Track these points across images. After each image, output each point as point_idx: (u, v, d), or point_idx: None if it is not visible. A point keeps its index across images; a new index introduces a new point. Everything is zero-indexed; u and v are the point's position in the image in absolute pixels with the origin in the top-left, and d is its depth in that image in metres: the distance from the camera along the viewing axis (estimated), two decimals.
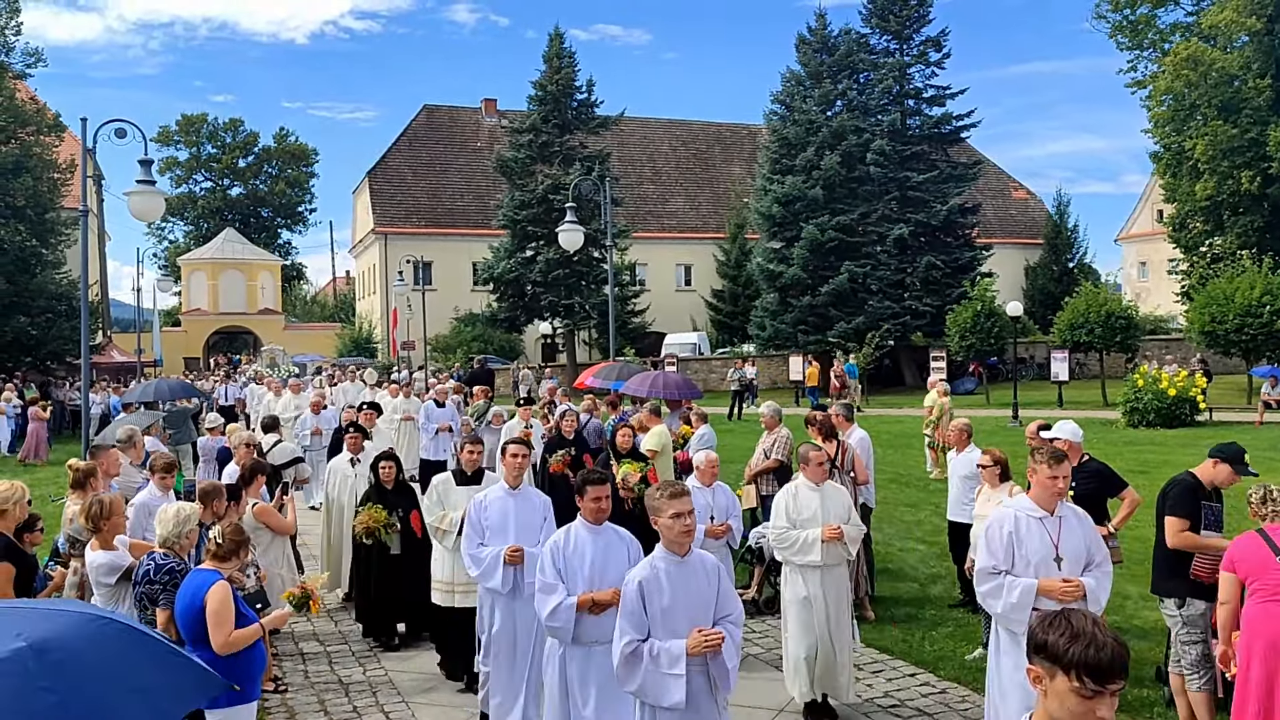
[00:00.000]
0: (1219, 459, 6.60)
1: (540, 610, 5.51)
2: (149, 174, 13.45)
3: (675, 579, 4.86)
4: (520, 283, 43.12)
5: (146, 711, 3.14)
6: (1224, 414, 25.86)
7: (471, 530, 6.80)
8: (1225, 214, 38.22)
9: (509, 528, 6.76)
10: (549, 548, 5.63)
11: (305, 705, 7.76)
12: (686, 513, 4.99)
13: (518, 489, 6.93)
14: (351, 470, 10.49)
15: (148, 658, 3.33)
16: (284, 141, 79.01)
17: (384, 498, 9.01)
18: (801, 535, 7.19)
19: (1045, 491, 5.58)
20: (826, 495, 7.39)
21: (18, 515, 6.32)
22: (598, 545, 5.61)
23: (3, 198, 35.50)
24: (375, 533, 8.81)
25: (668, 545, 4.92)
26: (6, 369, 35.75)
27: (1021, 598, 5.47)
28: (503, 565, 6.61)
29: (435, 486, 7.85)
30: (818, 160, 40.81)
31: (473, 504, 6.92)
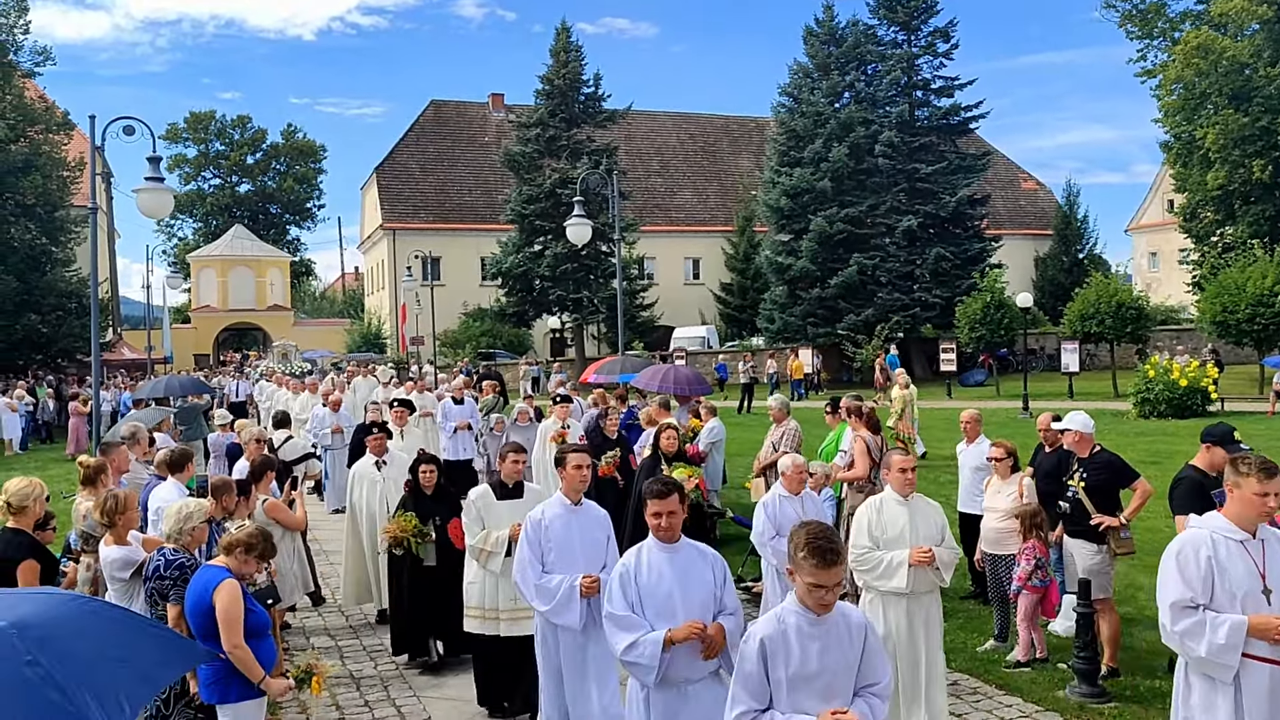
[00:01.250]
0: (1210, 443, 6.63)
1: (615, 646, 4.84)
2: (157, 171, 13.47)
3: (808, 638, 3.90)
4: (528, 277, 43.13)
5: (133, 679, 3.21)
6: (1236, 404, 25.75)
7: (531, 555, 5.95)
8: (1236, 203, 38.02)
9: (574, 550, 5.97)
10: (618, 574, 4.94)
11: (316, 699, 7.76)
12: None
13: (579, 504, 6.12)
14: (378, 474, 9.57)
15: (127, 630, 3.45)
16: (292, 138, 79.17)
17: (421, 504, 8.22)
18: (885, 558, 6.23)
19: (1250, 510, 4.63)
20: (916, 511, 6.41)
21: (36, 512, 6.35)
22: (675, 567, 4.88)
23: (13, 196, 35.64)
24: (405, 543, 8.08)
25: (802, 598, 3.94)
26: (18, 367, 35.92)
27: (1230, 637, 4.50)
28: (579, 599, 5.82)
29: (474, 503, 7.12)
30: (826, 152, 40.70)
31: (530, 524, 6.04)
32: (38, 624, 3.02)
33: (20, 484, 6.34)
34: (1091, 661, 7.27)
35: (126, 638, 3.38)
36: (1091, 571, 7.53)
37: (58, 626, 3.08)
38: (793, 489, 7.63)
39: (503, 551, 6.86)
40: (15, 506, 6.22)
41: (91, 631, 3.21)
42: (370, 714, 7.48)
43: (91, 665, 3.05)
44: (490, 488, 7.25)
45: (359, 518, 9.70)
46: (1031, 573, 7.85)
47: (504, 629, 6.97)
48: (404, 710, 7.50)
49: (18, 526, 6.21)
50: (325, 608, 10.47)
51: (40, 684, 2.82)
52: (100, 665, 3.10)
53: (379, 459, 9.66)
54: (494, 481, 7.28)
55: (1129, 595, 9.49)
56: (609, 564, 5.83)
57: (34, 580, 5.93)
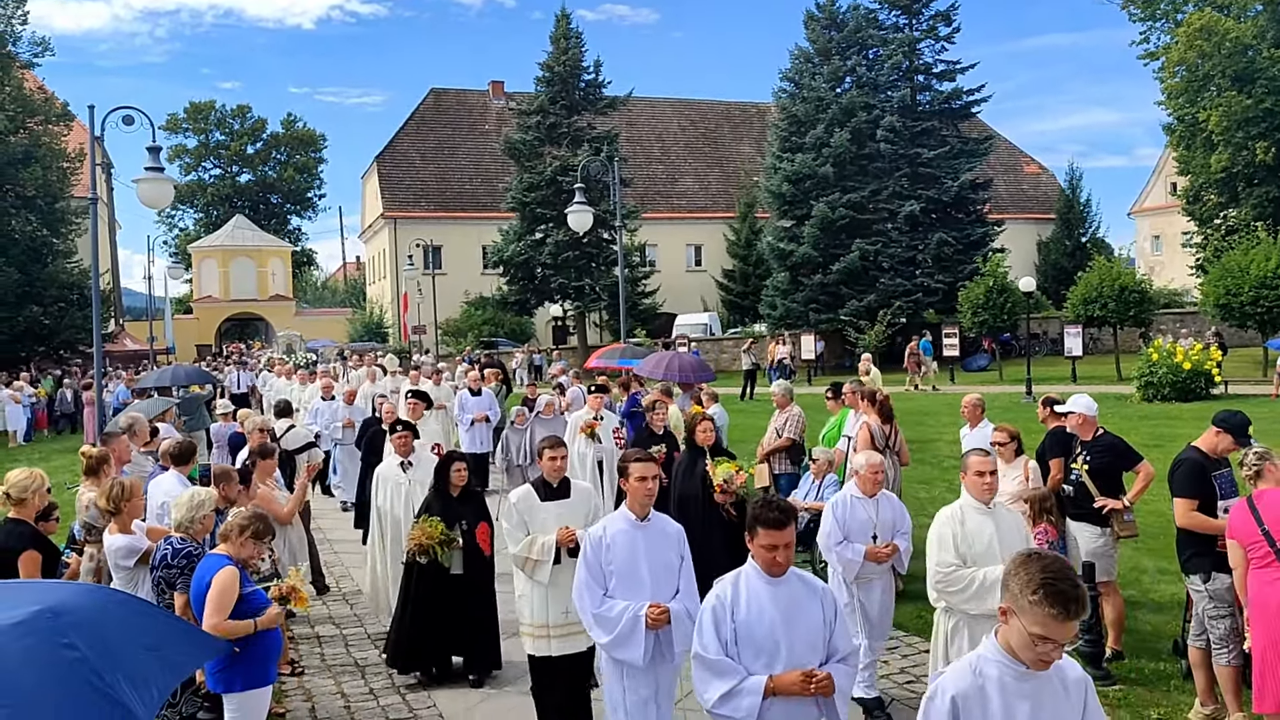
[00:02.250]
0: (1222, 428, 6.57)
1: (704, 696, 4.23)
2: (157, 161, 13.47)
3: (1016, 697, 3.24)
4: (530, 265, 43.08)
5: (160, 665, 3.30)
6: (1239, 387, 25.69)
7: (590, 578, 5.26)
8: (1240, 185, 37.90)
9: (640, 573, 5.25)
10: (710, 609, 4.28)
11: (322, 688, 7.79)
12: None
13: (647, 519, 5.38)
14: (403, 476, 8.71)
15: (150, 620, 3.56)
16: (292, 127, 79.04)
17: (446, 507, 7.52)
18: (977, 576, 5.57)
19: None
20: (1000, 520, 5.81)
21: (37, 504, 6.36)
22: (780, 602, 4.25)
23: (13, 188, 35.65)
24: (430, 550, 7.33)
25: (1016, 649, 3.24)
26: (20, 358, 35.96)
27: None
28: (644, 631, 5.13)
29: (514, 505, 6.39)
30: (827, 138, 40.57)
31: (590, 542, 5.34)
32: (70, 610, 3.12)
33: (20, 475, 6.35)
34: (1096, 644, 7.27)
35: (150, 626, 3.48)
36: (1095, 554, 7.52)
37: (86, 613, 3.17)
38: (867, 490, 6.87)
39: (550, 559, 6.18)
40: (15, 498, 6.23)
41: (118, 619, 3.30)
42: (375, 701, 7.49)
43: (121, 651, 3.14)
44: (533, 488, 6.49)
45: (384, 524, 8.82)
46: None
47: (556, 647, 6.22)
48: (409, 699, 7.50)
49: (19, 517, 6.21)
50: (330, 596, 10.48)
51: (78, 665, 2.93)
52: (130, 651, 3.18)
53: (404, 460, 8.79)
54: (537, 481, 6.54)
55: (1133, 578, 9.49)
56: (683, 590, 5.28)
57: (35, 571, 5.94)
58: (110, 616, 3.29)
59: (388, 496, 8.75)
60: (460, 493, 7.59)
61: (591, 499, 6.60)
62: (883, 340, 37.05)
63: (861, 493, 6.89)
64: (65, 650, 2.94)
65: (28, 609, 3.03)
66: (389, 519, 8.75)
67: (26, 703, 2.80)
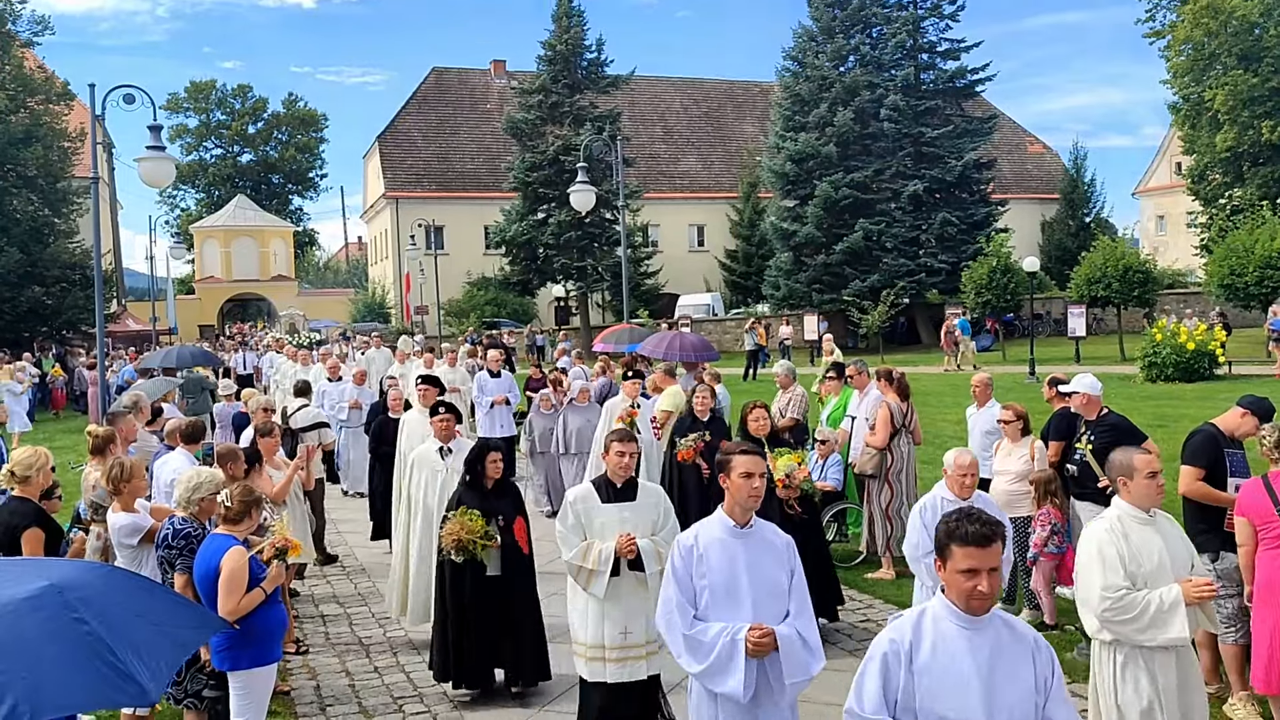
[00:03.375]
0: (1249, 411, 6.52)
1: None
2: (158, 140, 13.42)
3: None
4: (532, 245, 43.01)
5: (167, 642, 3.34)
6: (1243, 367, 25.65)
7: (680, 596, 4.45)
8: (1245, 165, 37.75)
9: (740, 590, 4.42)
10: (881, 654, 3.40)
11: (326, 666, 7.82)
12: None
13: (748, 526, 4.56)
14: (442, 462, 7.86)
15: (153, 598, 3.61)
16: (293, 107, 78.72)
17: (481, 500, 6.81)
18: (1152, 599, 4.68)
19: None
20: (1163, 530, 4.94)
21: (41, 482, 6.38)
22: (978, 653, 3.35)
23: (14, 168, 35.56)
24: (468, 547, 6.62)
25: None
26: (23, 339, 35.98)
27: None
28: (743, 658, 4.28)
29: (571, 505, 5.73)
30: (831, 117, 40.40)
31: (679, 552, 4.53)
32: (78, 586, 3.18)
33: (24, 454, 6.37)
34: None
35: (154, 603, 3.53)
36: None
37: (92, 589, 3.22)
38: (958, 491, 6.17)
39: (607, 570, 5.51)
40: (19, 476, 6.24)
41: (121, 596, 3.35)
42: (380, 679, 7.51)
43: (129, 626, 3.18)
44: (594, 487, 5.80)
45: (413, 514, 8.01)
46: (1048, 539, 7.83)
47: (612, 673, 5.55)
48: (414, 677, 7.52)
49: (23, 495, 6.23)
50: (333, 575, 10.51)
51: (90, 639, 2.98)
52: (136, 627, 3.22)
53: (444, 445, 7.95)
54: (599, 479, 5.84)
55: None
56: (794, 611, 4.44)
57: (39, 549, 5.95)
58: (114, 593, 3.33)
59: (421, 484, 7.89)
60: (495, 485, 6.91)
61: (660, 502, 5.89)
62: (885, 321, 37.00)
63: (952, 494, 6.17)
64: (77, 624, 2.99)
65: (38, 584, 3.08)
66: (420, 509, 7.89)
67: (45, 673, 2.84)
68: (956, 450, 6.44)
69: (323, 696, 7.21)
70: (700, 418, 9.65)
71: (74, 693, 2.92)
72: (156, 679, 3.06)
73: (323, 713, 6.92)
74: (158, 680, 3.07)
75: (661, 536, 5.67)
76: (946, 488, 6.25)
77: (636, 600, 5.63)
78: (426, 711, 6.88)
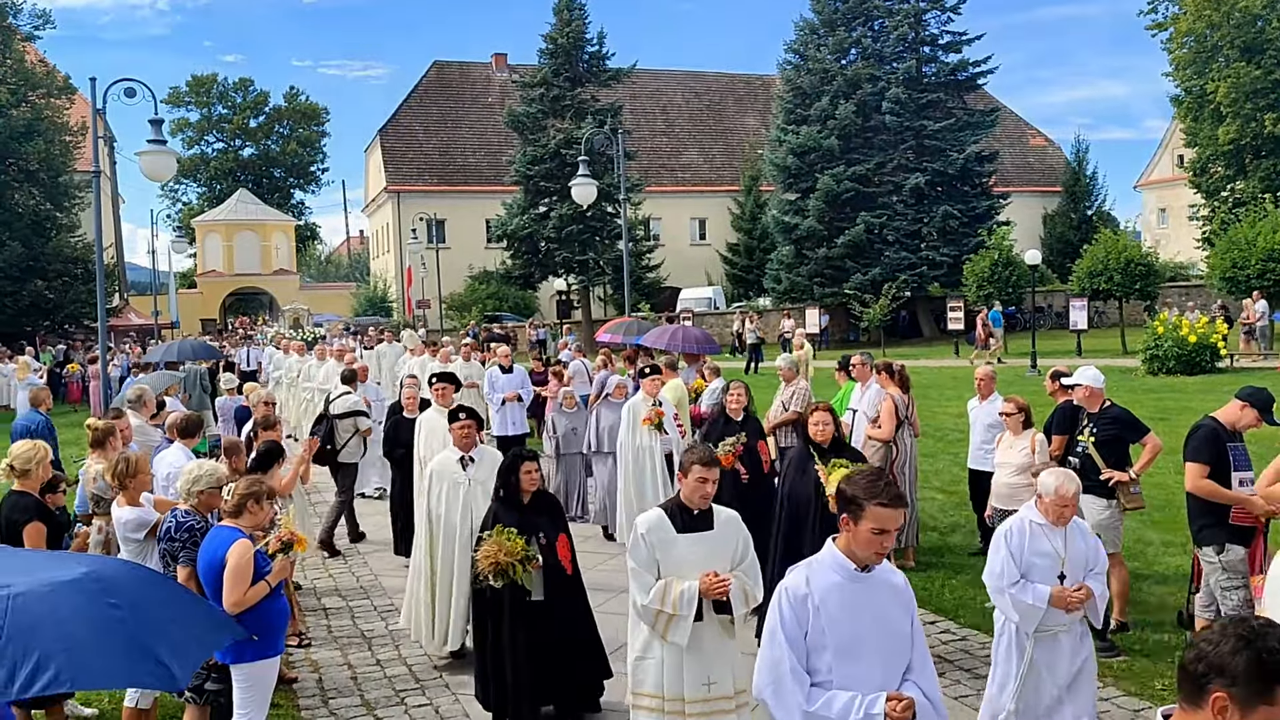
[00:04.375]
0: (1248, 404, 6.52)
1: None
2: (160, 133, 13.43)
3: None
4: (534, 239, 42.99)
5: (190, 639, 3.47)
6: (1245, 360, 25.64)
7: (793, 657, 3.65)
8: (1247, 157, 37.70)
9: (863, 644, 3.68)
10: None
11: (329, 659, 7.83)
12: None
13: (867, 570, 3.75)
14: (463, 473, 7.22)
15: (178, 598, 3.76)
16: (295, 101, 78.59)
17: (520, 516, 6.11)
18: None
19: None
20: None
21: (41, 476, 6.39)
22: None
23: (15, 162, 35.57)
24: (508, 571, 5.90)
25: None
26: (25, 334, 36.03)
27: None
28: None
29: (644, 537, 4.92)
30: (833, 110, 40.34)
31: (788, 600, 3.71)
32: (110, 576, 3.35)
33: (24, 447, 6.38)
34: None
35: (180, 603, 3.69)
36: (1101, 526, 7.51)
37: (126, 583, 3.39)
38: (1054, 519, 5.36)
39: (691, 614, 4.79)
40: (19, 470, 6.25)
41: (153, 592, 3.51)
42: (382, 672, 7.52)
43: (158, 618, 3.34)
44: (665, 514, 5.01)
45: (435, 531, 7.33)
46: None
47: None
48: (415, 670, 7.54)
49: (23, 489, 6.24)
50: (336, 569, 10.53)
51: (124, 624, 3.16)
52: (164, 622, 3.37)
53: (465, 454, 7.26)
54: (671, 504, 5.07)
55: (1138, 550, 9.50)
56: (916, 667, 3.79)
57: (40, 543, 5.96)
58: (143, 587, 3.48)
59: (442, 497, 7.24)
60: (532, 498, 6.23)
61: (739, 531, 5.05)
62: (887, 314, 36.98)
63: (1045, 519, 5.39)
64: (112, 609, 3.16)
65: (75, 571, 3.28)
66: (441, 524, 7.24)
67: (81, 651, 3.03)
68: (1058, 475, 5.40)
69: (325, 689, 7.23)
70: (734, 418, 9.01)
71: (109, 669, 3.11)
72: (184, 668, 3.22)
73: (325, 705, 6.93)
74: (184, 669, 3.22)
75: (744, 570, 4.98)
76: (1038, 510, 5.44)
77: (721, 646, 4.94)
78: (429, 704, 6.90)
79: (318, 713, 6.81)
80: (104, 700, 6.95)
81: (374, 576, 10.13)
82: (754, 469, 8.81)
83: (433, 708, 6.84)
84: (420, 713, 6.77)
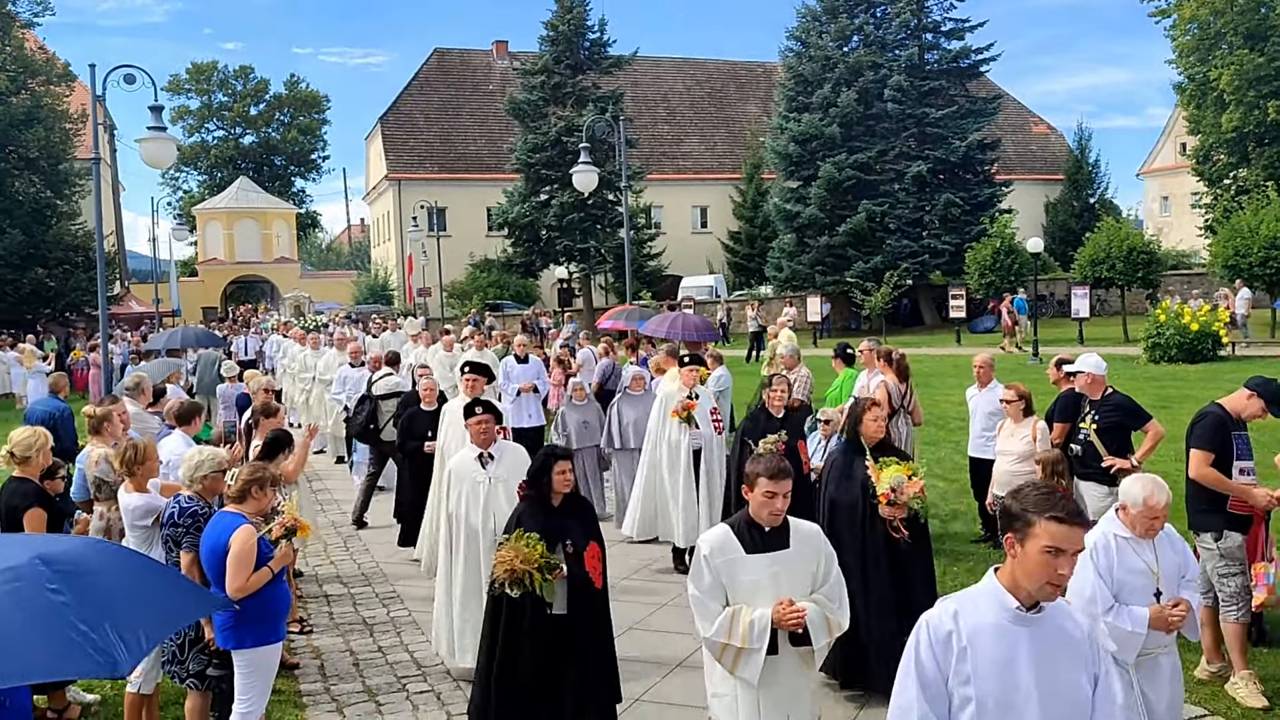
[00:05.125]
0: (1256, 393, 6.49)
1: None
2: (160, 120, 13.39)
3: None
4: (535, 227, 42.93)
5: (152, 617, 3.41)
6: (1248, 348, 25.61)
7: (927, 706, 3.10)
8: (1250, 145, 37.61)
9: (1022, 702, 3.07)
10: None
11: (330, 646, 7.84)
12: None
13: (1038, 610, 3.13)
14: (483, 472, 6.68)
15: (145, 573, 3.70)
16: (295, 89, 78.39)
17: (545, 520, 5.45)
18: None
19: None
20: None
21: (41, 462, 6.38)
22: None
23: (15, 149, 35.52)
24: (526, 579, 5.24)
25: None
26: (26, 321, 36.05)
27: None
28: None
29: (708, 560, 4.38)
30: (834, 97, 40.24)
31: (930, 635, 3.14)
32: (66, 560, 3.27)
33: (24, 434, 6.38)
34: None
35: (145, 580, 3.62)
36: (1102, 513, 7.49)
37: (81, 564, 3.32)
38: (1140, 531, 4.76)
39: (763, 647, 4.27)
40: (19, 456, 6.25)
41: (112, 571, 3.43)
42: (384, 659, 7.53)
43: (112, 600, 3.26)
44: (732, 531, 4.45)
45: (456, 534, 6.77)
46: None
47: None
48: (417, 656, 7.55)
49: (23, 476, 6.24)
50: (337, 555, 10.54)
51: (62, 610, 3.06)
52: (121, 602, 3.29)
53: (484, 451, 6.74)
54: (740, 520, 4.51)
55: None
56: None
57: (41, 529, 5.97)
58: (106, 569, 3.41)
59: (461, 499, 6.69)
60: (563, 500, 5.59)
61: (821, 547, 4.51)
62: (888, 302, 36.95)
63: (1130, 532, 4.78)
64: (51, 595, 3.07)
65: (24, 557, 3.20)
66: (462, 528, 6.69)
67: (10, 640, 2.93)
68: (1146, 483, 4.77)
69: (327, 675, 7.24)
70: (774, 414, 8.24)
71: (39, 660, 2.98)
72: (132, 650, 3.10)
73: (327, 691, 6.94)
74: (133, 652, 3.11)
75: (825, 593, 4.43)
76: (1121, 523, 4.82)
77: (800, 681, 4.46)
78: (430, 690, 6.91)
79: (319, 698, 6.82)
80: (106, 686, 6.97)
81: (376, 564, 10.14)
82: (795, 470, 8.12)
83: (434, 694, 6.85)
84: (422, 699, 6.78)
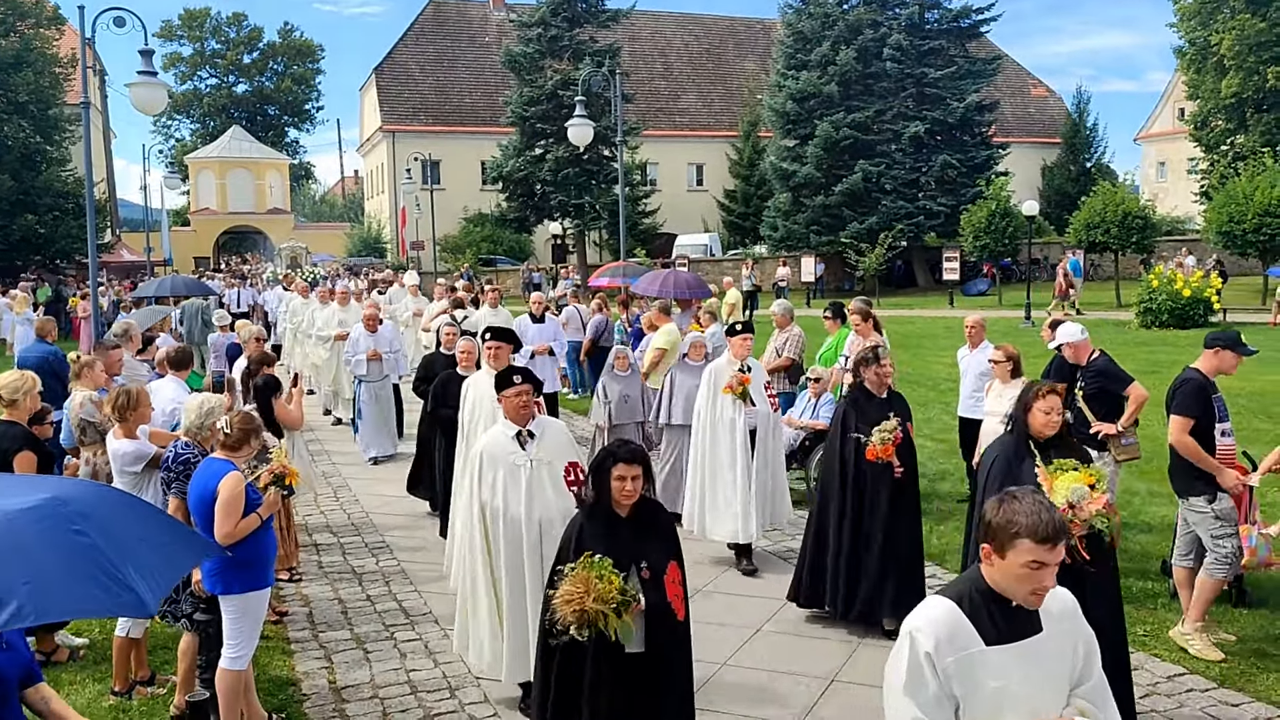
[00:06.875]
0: (1220, 346, 6.56)
1: None
2: (150, 64, 13.23)
3: None
4: (529, 182, 42.68)
5: (161, 560, 3.38)
6: (1238, 315, 25.68)
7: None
8: (1249, 111, 37.47)
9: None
10: None
11: (319, 594, 7.89)
12: None
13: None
14: (521, 453, 5.56)
15: (150, 519, 3.66)
16: (289, 37, 77.53)
17: (612, 535, 4.34)
18: None
19: None
20: None
21: (29, 406, 6.38)
22: None
23: (4, 93, 35.11)
24: (601, 620, 4.12)
25: None
26: (16, 269, 35.85)
27: None
28: None
29: (932, 658, 2.83)
30: (833, 55, 39.90)
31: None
32: (76, 499, 3.25)
33: (11, 377, 6.37)
34: None
35: (151, 524, 3.60)
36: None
37: (94, 506, 3.29)
38: None
39: None
40: (7, 399, 6.25)
41: (122, 514, 3.42)
42: (372, 608, 7.59)
43: (127, 541, 3.25)
44: (962, 611, 2.90)
45: (494, 529, 5.57)
46: None
47: None
48: (405, 605, 7.60)
49: (11, 419, 6.23)
50: (326, 505, 10.58)
51: (91, 550, 3.05)
52: (134, 544, 3.28)
53: (523, 429, 5.61)
54: (969, 591, 2.96)
55: (1124, 500, 9.56)
56: None
57: (31, 471, 5.97)
58: (113, 510, 3.39)
59: (497, 486, 5.53)
60: (634, 510, 4.41)
61: (1079, 629, 3.04)
62: (882, 263, 36.92)
63: None
64: (77, 536, 3.06)
65: (39, 496, 3.17)
66: (501, 522, 5.52)
67: (47, 580, 2.93)
68: None
69: (315, 623, 7.29)
70: (877, 394, 6.98)
71: (75, 599, 3.01)
72: (154, 592, 3.13)
73: (315, 639, 7.00)
74: (155, 594, 3.13)
75: (1088, 694, 3.02)
76: None
77: None
78: (418, 639, 6.97)
79: (307, 645, 6.88)
80: (94, 630, 7.02)
81: (365, 514, 10.19)
82: (908, 460, 6.92)
83: (422, 642, 6.90)
84: (409, 647, 6.84)
